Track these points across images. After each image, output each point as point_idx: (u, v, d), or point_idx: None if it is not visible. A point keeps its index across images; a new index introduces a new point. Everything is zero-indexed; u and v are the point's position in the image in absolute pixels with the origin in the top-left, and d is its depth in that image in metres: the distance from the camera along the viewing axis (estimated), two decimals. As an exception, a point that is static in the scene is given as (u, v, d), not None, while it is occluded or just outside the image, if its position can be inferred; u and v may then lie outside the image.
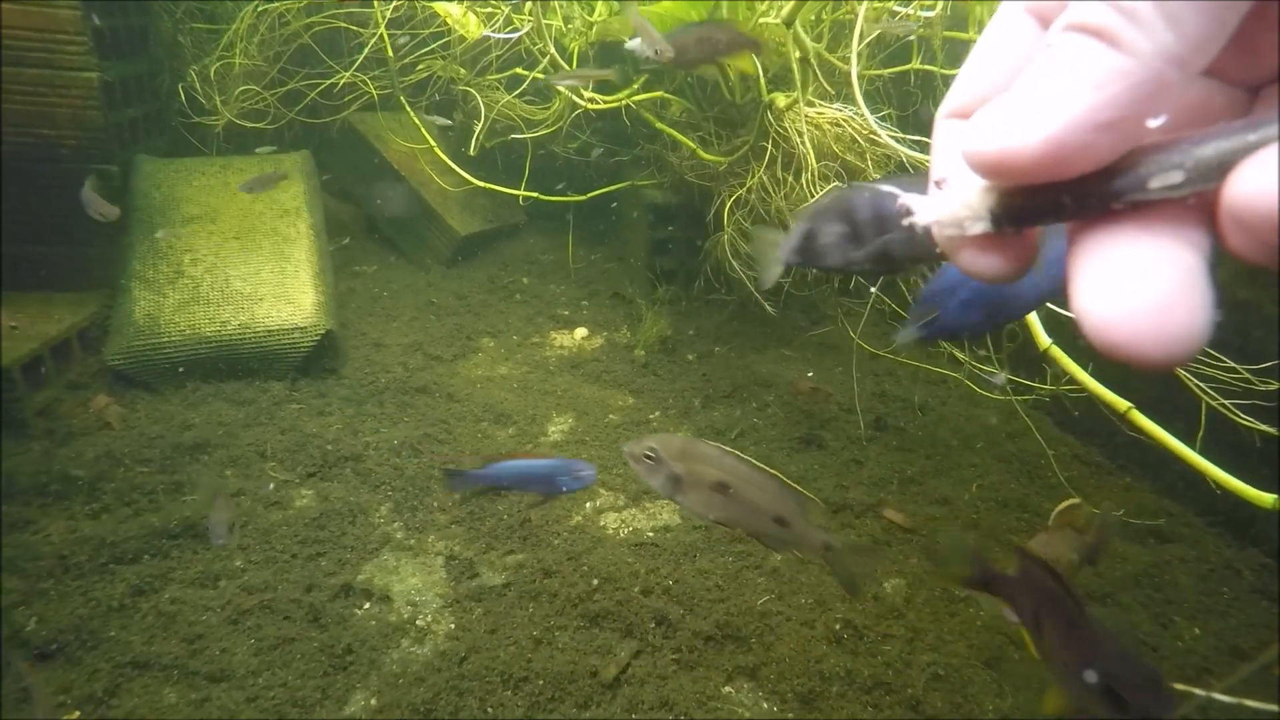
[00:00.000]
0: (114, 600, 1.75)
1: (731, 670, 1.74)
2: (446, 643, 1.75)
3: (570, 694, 1.64)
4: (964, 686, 1.75)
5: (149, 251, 2.62)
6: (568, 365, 2.87)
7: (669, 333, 2.99)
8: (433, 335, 2.96)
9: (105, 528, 1.93)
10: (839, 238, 0.69)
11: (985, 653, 1.85)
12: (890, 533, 2.20)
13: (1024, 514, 2.31)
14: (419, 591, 1.88)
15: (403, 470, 2.21)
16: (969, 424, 2.72)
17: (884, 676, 1.76)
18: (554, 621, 1.80)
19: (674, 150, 3.02)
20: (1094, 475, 2.52)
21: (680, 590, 1.91)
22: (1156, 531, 2.27)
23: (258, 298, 2.59)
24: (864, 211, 0.68)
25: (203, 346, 2.49)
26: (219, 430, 2.29)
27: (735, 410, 2.66)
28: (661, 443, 1.07)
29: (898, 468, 2.45)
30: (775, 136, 2.47)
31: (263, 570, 1.87)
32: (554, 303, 3.33)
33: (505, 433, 2.42)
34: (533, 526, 2.06)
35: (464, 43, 3.10)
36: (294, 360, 2.55)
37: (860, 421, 2.58)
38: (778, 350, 3.04)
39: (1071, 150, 0.31)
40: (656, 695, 1.65)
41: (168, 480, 2.09)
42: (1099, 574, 2.11)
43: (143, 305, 2.51)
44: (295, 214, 2.85)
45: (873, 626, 1.89)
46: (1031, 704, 1.74)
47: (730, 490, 1.05)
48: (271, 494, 2.10)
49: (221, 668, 1.63)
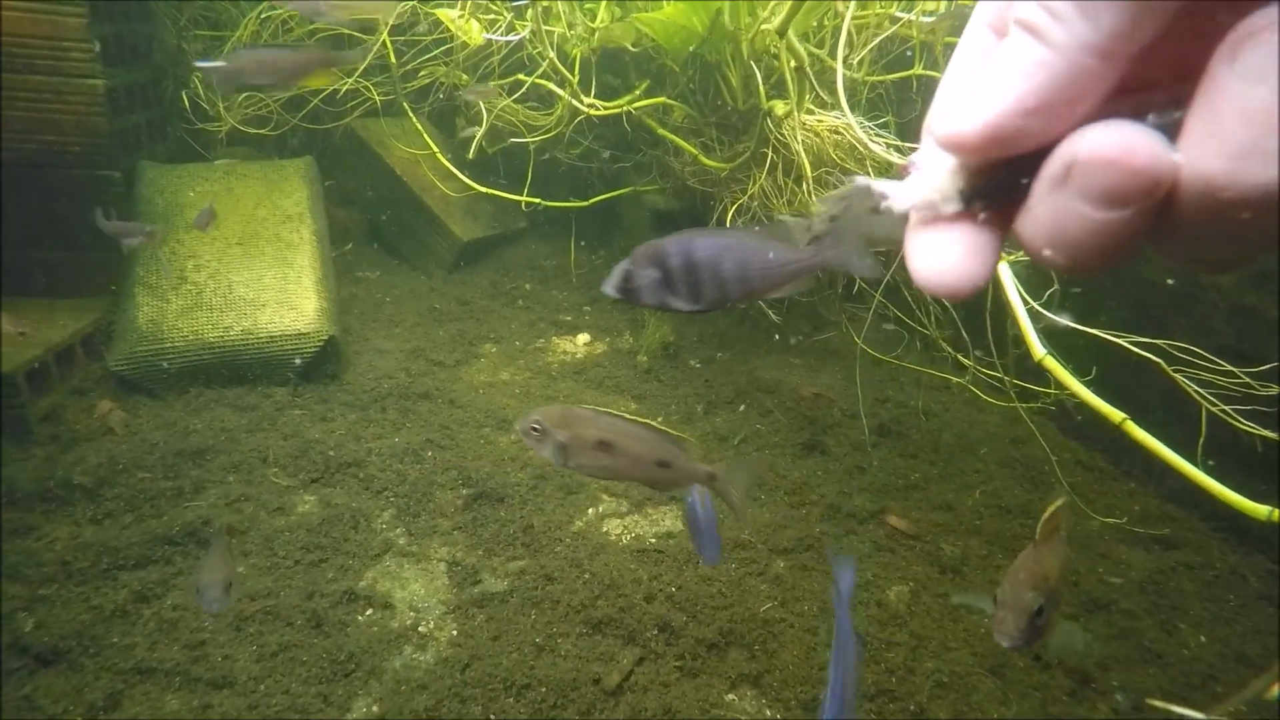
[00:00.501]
0: (116, 606, 1.75)
1: (735, 678, 1.73)
2: (449, 649, 1.74)
3: (573, 701, 1.63)
4: (968, 694, 1.74)
5: (152, 257, 2.62)
6: (570, 371, 2.87)
7: (672, 339, 2.99)
8: (435, 341, 2.96)
9: (108, 533, 1.93)
10: (653, 281, 0.77)
11: (989, 660, 1.84)
12: (894, 539, 2.19)
13: (1027, 520, 2.30)
14: (421, 598, 1.88)
15: (405, 476, 2.21)
16: (972, 430, 2.71)
17: (887, 684, 1.75)
18: (556, 628, 1.80)
19: (676, 156, 3.02)
20: (1098, 481, 2.52)
21: (683, 597, 1.90)
22: (1161, 538, 2.26)
23: (260, 303, 2.59)
24: (676, 259, 0.76)
25: (205, 352, 2.49)
26: (221, 436, 2.29)
27: (738, 416, 2.66)
28: (543, 414, 1.15)
29: (901, 474, 2.44)
30: (775, 143, 2.47)
31: (265, 576, 1.86)
32: (557, 308, 3.33)
33: (507, 438, 2.42)
34: (535, 533, 2.06)
35: (466, 48, 3.11)
36: (296, 366, 2.56)
37: (864, 427, 2.58)
38: (781, 356, 3.04)
39: (1008, 132, 0.35)
40: (659, 703, 1.64)
41: (171, 486, 2.09)
42: (1103, 581, 2.11)
43: (146, 311, 2.52)
44: (298, 220, 2.86)
45: (876, 634, 1.88)
46: (1035, 712, 1.74)
47: (613, 446, 1.13)
48: (274, 500, 2.10)
49: (223, 674, 1.63)
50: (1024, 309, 1.86)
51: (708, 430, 2.56)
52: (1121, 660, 1.86)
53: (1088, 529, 2.26)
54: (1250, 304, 2.36)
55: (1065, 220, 0.34)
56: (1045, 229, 0.35)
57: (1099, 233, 0.33)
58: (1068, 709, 1.76)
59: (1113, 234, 0.33)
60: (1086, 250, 0.34)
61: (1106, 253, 0.34)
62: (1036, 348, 1.83)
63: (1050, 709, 1.76)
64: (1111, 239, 0.33)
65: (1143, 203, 0.33)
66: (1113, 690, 1.78)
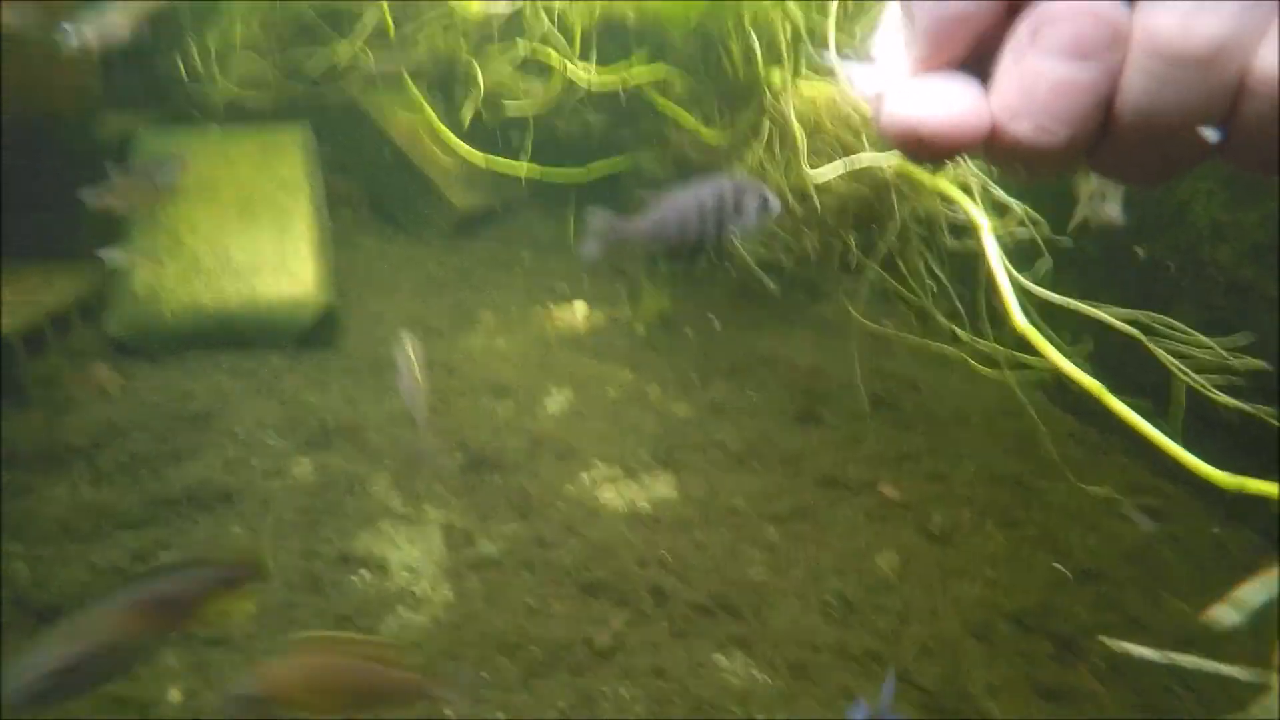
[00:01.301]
0: (115, 566, 1.77)
1: (724, 640, 1.76)
2: (443, 611, 1.77)
3: (564, 661, 1.66)
4: (954, 658, 1.77)
5: (148, 223, 2.62)
6: (567, 340, 2.88)
7: (669, 308, 2.99)
8: (432, 309, 2.96)
9: (106, 495, 1.95)
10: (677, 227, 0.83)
11: (977, 628, 1.87)
12: (886, 508, 2.21)
13: (1019, 489, 2.33)
14: (416, 561, 1.90)
15: (401, 441, 2.23)
16: (967, 402, 2.72)
17: (875, 648, 1.78)
18: (549, 591, 1.82)
19: (677, 127, 3.00)
20: (1089, 453, 2.53)
21: (676, 562, 1.92)
22: (1149, 509, 2.28)
23: (258, 269, 2.59)
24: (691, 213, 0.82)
25: (202, 318, 2.50)
26: (218, 400, 2.30)
27: (734, 386, 2.67)
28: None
29: (895, 444, 2.46)
30: (773, 113, 2.46)
31: (261, 537, 1.89)
32: (554, 278, 3.33)
33: (504, 405, 2.43)
34: (530, 498, 2.08)
35: (466, 20, 3.08)
36: (293, 332, 2.56)
37: (859, 399, 2.59)
38: (778, 327, 3.04)
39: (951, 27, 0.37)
40: (650, 663, 1.67)
41: (168, 449, 2.11)
42: (1090, 550, 2.13)
43: (142, 276, 2.52)
44: (295, 186, 2.85)
45: (865, 599, 1.91)
46: (1020, 675, 1.77)
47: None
48: (271, 464, 2.12)
49: (220, 633, 1.65)
50: (1006, 279, 1.87)
51: (704, 400, 2.57)
52: (1106, 628, 1.88)
53: (1080, 501, 2.28)
54: (1248, 279, 2.36)
55: (1033, 82, 0.35)
56: (1014, 95, 0.36)
57: (1065, 90, 0.35)
58: (1052, 672, 1.79)
59: (1078, 91, 0.34)
60: (1053, 115, 0.35)
61: (1073, 117, 0.35)
62: (1017, 318, 1.84)
63: (1035, 673, 1.79)
64: (1077, 98, 0.35)
65: (1106, 56, 0.34)
66: (1093, 654, 1.81)
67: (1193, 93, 0.33)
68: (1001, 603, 1.94)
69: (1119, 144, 0.36)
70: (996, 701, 1.70)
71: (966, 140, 0.37)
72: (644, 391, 2.60)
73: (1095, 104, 0.35)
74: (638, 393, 2.59)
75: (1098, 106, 0.35)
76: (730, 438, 2.38)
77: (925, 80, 0.38)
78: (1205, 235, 2.37)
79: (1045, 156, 0.36)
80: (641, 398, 2.57)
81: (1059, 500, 2.30)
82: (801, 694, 1.68)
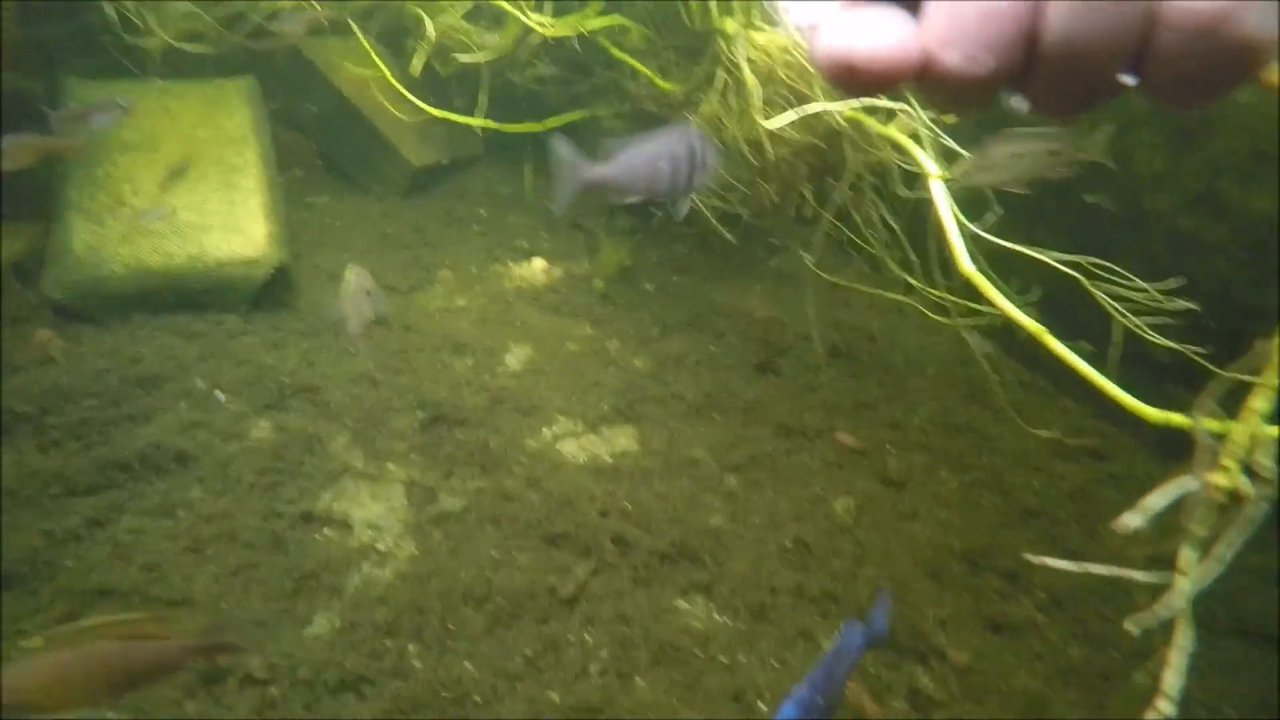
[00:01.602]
0: (69, 531, 1.74)
1: (686, 586, 1.81)
2: (407, 565, 1.78)
3: (529, 610, 1.69)
4: (907, 596, 1.84)
5: (85, 180, 2.52)
6: (526, 296, 2.86)
7: (628, 263, 2.99)
8: (388, 267, 2.92)
9: (55, 462, 1.91)
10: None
11: (929, 567, 1.95)
12: (842, 455, 2.27)
13: (971, 435, 2.40)
14: (379, 517, 1.91)
15: (361, 400, 2.21)
16: (921, 351, 2.79)
17: (831, 589, 1.84)
18: (513, 543, 1.85)
19: (633, 79, 2.96)
20: (1036, 399, 2.62)
21: (637, 512, 1.96)
22: (1092, 450, 2.38)
23: (206, 228, 2.52)
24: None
25: (148, 278, 2.42)
26: (170, 363, 2.25)
27: (693, 338, 2.69)
28: None
29: (851, 393, 2.51)
30: (727, 64, 2.44)
31: (221, 499, 1.87)
32: (512, 234, 3.30)
33: (463, 362, 2.42)
34: (492, 453, 2.09)
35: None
36: (246, 293, 2.51)
37: (815, 349, 2.63)
38: (736, 280, 3.06)
39: None
40: (613, 610, 1.71)
41: (119, 413, 2.06)
42: (1036, 491, 2.22)
43: (82, 236, 2.43)
44: (241, 142, 2.76)
45: (822, 543, 1.97)
46: (969, 609, 1.85)
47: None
48: (228, 426, 2.09)
49: (183, 594, 1.65)
50: (954, 225, 1.90)
51: (663, 353, 2.59)
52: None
53: (1027, 444, 2.37)
54: (1185, 228, 2.44)
55: (961, 12, 0.36)
56: (943, 25, 0.37)
57: (992, 19, 0.36)
58: (998, 606, 1.88)
59: (1004, 20, 0.36)
60: (982, 44, 0.36)
61: (1000, 46, 0.36)
62: (964, 263, 1.88)
63: (983, 607, 1.87)
64: (1003, 27, 0.36)
65: None
66: (1036, 588, 1.90)
67: (1112, 21, 0.35)
68: (952, 543, 2.02)
69: (1043, 73, 0.37)
70: (946, 634, 1.78)
71: (898, 70, 0.37)
72: (604, 345, 2.61)
73: (1021, 33, 0.36)
74: (597, 347, 2.60)
75: (1023, 35, 0.36)
76: (689, 389, 2.41)
77: (857, 12, 0.38)
78: (1147, 185, 2.43)
79: (974, 86, 0.37)
80: (601, 352, 2.58)
81: (1008, 445, 2.38)
82: (762, 635, 1.74)
